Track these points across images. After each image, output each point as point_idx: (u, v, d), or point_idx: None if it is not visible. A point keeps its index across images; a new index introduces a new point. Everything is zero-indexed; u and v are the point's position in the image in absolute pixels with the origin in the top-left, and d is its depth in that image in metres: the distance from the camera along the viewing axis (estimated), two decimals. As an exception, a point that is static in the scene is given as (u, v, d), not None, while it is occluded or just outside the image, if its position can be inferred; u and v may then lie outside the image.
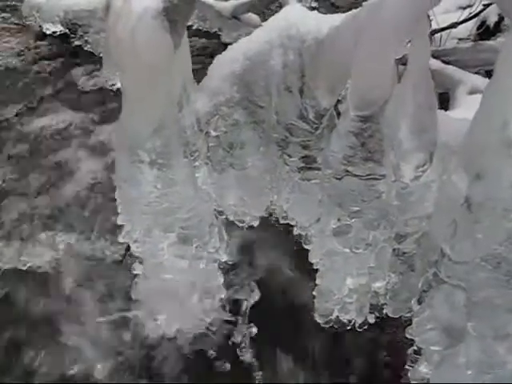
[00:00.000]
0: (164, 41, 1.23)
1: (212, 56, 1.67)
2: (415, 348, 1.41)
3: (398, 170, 1.42)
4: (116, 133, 1.40)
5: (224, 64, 1.67)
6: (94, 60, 3.30)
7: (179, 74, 1.57)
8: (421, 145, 1.39)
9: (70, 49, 3.47)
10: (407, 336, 1.36)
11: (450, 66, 2.21)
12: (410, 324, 1.45)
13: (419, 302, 1.31)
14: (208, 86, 1.68)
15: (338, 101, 1.67)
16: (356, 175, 1.40)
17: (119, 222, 1.56)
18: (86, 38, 3.41)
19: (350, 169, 1.41)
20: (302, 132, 1.63)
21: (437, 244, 1.28)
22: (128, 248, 1.65)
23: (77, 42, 3.48)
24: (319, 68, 1.51)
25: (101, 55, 3.20)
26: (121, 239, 1.59)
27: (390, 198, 1.45)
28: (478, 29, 3.03)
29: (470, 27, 3.05)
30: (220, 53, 1.66)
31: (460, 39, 3.00)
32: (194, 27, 3.54)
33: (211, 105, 1.68)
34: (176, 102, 1.51)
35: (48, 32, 3.58)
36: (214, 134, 1.71)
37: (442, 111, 1.49)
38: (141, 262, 1.62)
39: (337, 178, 1.44)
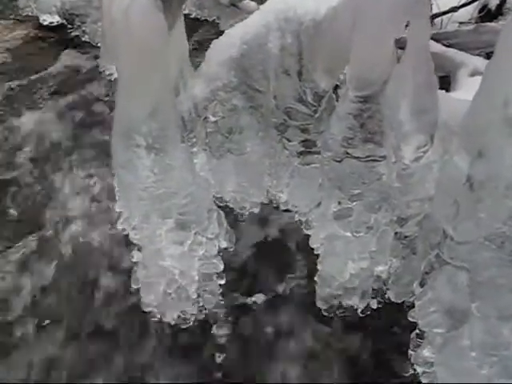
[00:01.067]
0: (157, 20, 1.21)
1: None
2: (418, 332, 1.39)
3: (398, 152, 1.39)
4: (113, 117, 1.38)
5: (221, 49, 1.65)
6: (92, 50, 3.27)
7: (175, 58, 1.55)
8: (421, 125, 1.36)
9: (68, 40, 3.43)
10: (410, 319, 1.34)
11: (451, 49, 2.16)
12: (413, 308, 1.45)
13: (421, 284, 1.29)
14: (205, 72, 1.66)
15: (337, 86, 1.66)
16: (356, 157, 1.39)
17: (117, 209, 1.54)
18: (83, 28, 3.37)
19: (349, 151, 1.39)
20: (300, 115, 1.62)
21: (439, 225, 1.26)
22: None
23: (74, 33, 3.44)
24: (317, 50, 1.49)
25: (99, 45, 3.16)
26: (119, 226, 1.57)
27: (390, 179, 1.42)
28: (479, 12, 3.00)
29: (471, 11, 3.01)
30: (218, 41, 1.63)
31: (461, 23, 2.96)
32: (191, 16, 3.49)
33: (209, 90, 1.66)
34: (172, 86, 1.49)
35: (45, 23, 3.53)
36: (212, 119, 1.69)
37: (443, 91, 1.47)
38: (139, 250, 1.60)
39: (336, 161, 1.42)
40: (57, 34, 3.44)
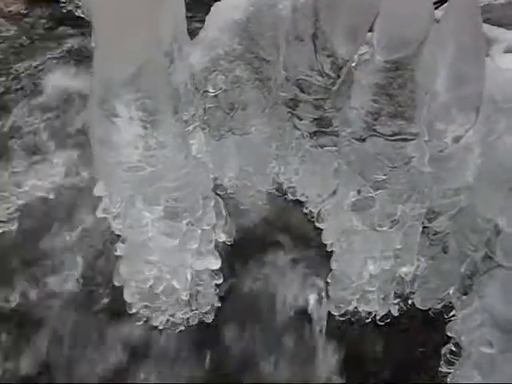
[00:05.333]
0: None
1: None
2: (453, 347, 1.16)
3: (433, 129, 1.17)
4: (90, 81, 1.15)
5: (224, 11, 1.44)
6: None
7: (169, 18, 1.32)
8: (463, 98, 1.15)
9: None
10: (448, 334, 1.11)
11: (483, 24, 1.96)
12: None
13: (462, 291, 1.06)
14: (205, 38, 1.45)
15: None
16: (382, 134, 1.16)
17: (96, 193, 1.32)
18: (76, 2, 3.15)
19: (374, 127, 1.17)
20: (315, 88, 1.39)
21: (485, 219, 1.04)
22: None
23: (68, 7, 3.22)
24: (338, 7, 1.26)
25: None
26: (99, 214, 1.35)
27: (422, 163, 1.21)
28: (508, -9, 2.82)
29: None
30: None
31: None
32: (196, -9, 3.27)
33: (208, 59, 1.45)
34: (164, 49, 1.26)
35: (34, -4, 3.32)
36: (211, 93, 1.47)
37: (489, 59, 1.24)
38: (123, 242, 1.38)
39: (358, 140, 1.20)
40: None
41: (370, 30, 1.19)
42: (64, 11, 2.98)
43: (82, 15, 3.13)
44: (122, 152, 1.17)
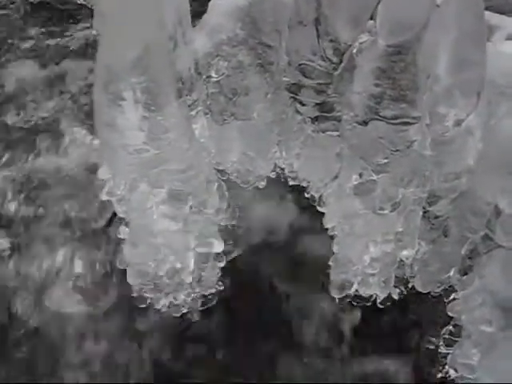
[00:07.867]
0: None
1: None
2: (452, 328, 1.18)
3: (434, 113, 1.18)
4: (96, 65, 1.16)
5: (227, -3, 1.44)
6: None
7: (172, 2, 1.32)
8: (464, 82, 1.15)
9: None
10: (449, 314, 1.12)
11: (485, 11, 1.95)
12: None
13: (462, 272, 1.08)
14: (208, 23, 1.45)
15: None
16: (384, 118, 1.17)
17: (100, 176, 1.33)
18: (77, -10, 3.14)
19: (376, 111, 1.17)
20: (317, 73, 1.39)
21: (485, 202, 1.05)
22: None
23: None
24: (339, -9, 1.26)
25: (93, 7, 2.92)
26: (104, 197, 1.36)
27: (423, 147, 1.21)
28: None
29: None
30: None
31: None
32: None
33: (211, 44, 1.45)
34: (168, 33, 1.26)
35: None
36: (214, 78, 1.48)
37: (490, 43, 1.25)
38: (127, 225, 1.39)
39: (360, 123, 1.20)
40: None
41: (371, 18, 1.19)
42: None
43: (83, 2, 3.13)
44: (126, 135, 1.18)
